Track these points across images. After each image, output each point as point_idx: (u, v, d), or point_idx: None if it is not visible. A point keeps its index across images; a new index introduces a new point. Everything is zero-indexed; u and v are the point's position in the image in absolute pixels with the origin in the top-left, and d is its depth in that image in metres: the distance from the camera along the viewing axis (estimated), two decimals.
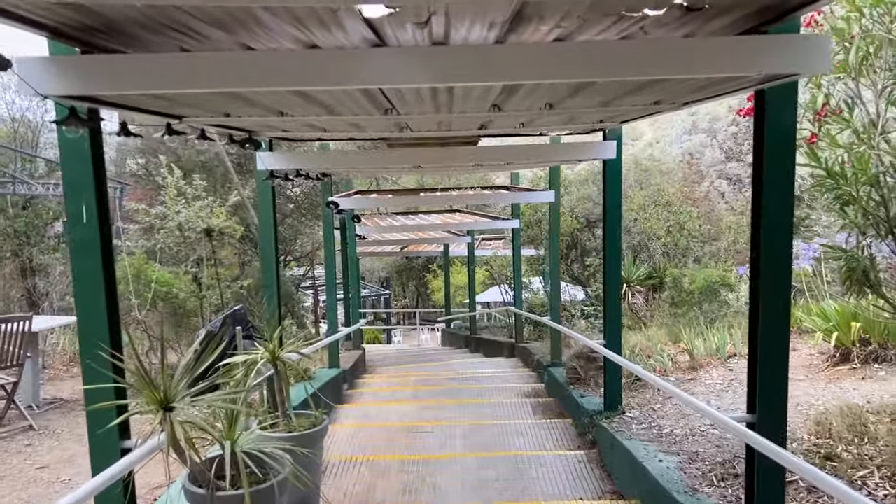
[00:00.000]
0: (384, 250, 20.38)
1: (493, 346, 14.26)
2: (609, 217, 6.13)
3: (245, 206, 12.59)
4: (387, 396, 9.19)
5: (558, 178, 9.17)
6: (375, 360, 14.90)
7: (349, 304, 12.89)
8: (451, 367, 12.20)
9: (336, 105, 3.63)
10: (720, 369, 6.87)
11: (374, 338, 26.42)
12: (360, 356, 11.85)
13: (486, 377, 10.37)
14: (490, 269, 19.54)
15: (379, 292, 31.54)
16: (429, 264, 31.45)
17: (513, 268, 13.07)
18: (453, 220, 13.70)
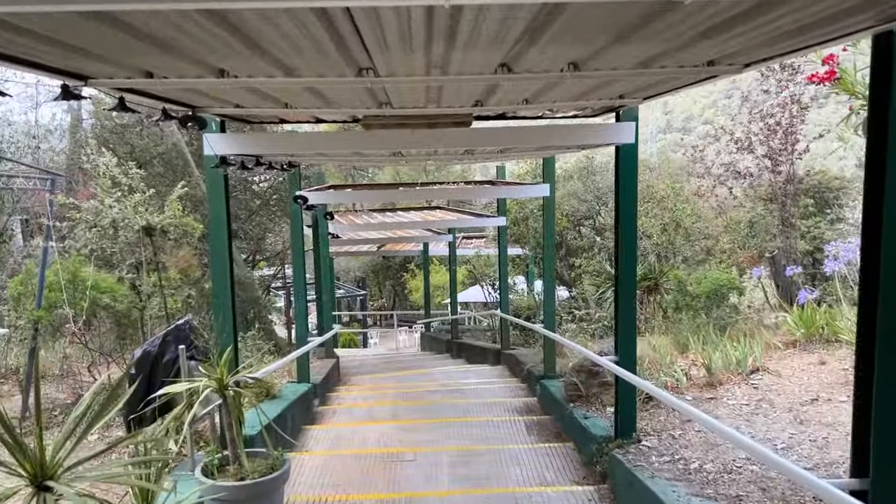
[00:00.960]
0: (360, 249, 19.35)
1: (476, 351, 13.35)
2: (624, 212, 5.25)
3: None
4: (362, 415, 8.23)
5: (553, 170, 8.29)
6: (351, 367, 13.91)
7: (322, 308, 11.88)
8: (432, 377, 11.27)
9: (293, 56, 2.67)
10: (743, 387, 6.03)
11: (349, 340, 25.37)
12: (333, 365, 10.86)
13: (472, 390, 9.45)
14: (472, 268, 18.64)
15: (354, 293, 30.43)
16: (406, 263, 30.44)
17: (498, 268, 12.17)
18: (434, 218, 12.76)
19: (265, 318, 11.69)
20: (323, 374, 9.67)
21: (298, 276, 8.42)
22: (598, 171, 20.04)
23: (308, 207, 8.53)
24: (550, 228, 8.31)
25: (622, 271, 5.35)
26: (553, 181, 8.23)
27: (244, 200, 13.37)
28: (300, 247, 8.36)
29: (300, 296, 8.46)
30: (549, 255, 8.42)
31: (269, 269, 18.43)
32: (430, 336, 17.16)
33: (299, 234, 8.32)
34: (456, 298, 15.54)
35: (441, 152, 5.82)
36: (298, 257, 8.37)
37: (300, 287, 8.43)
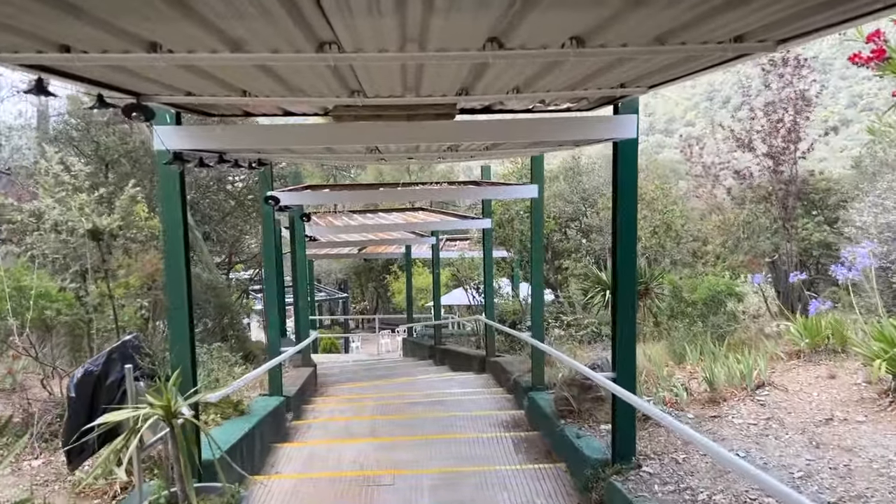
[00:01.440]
0: (341, 252, 18.80)
1: (460, 358, 12.86)
2: (623, 214, 4.79)
3: None
4: (339, 431, 7.69)
5: (541, 170, 7.82)
6: (329, 375, 13.35)
7: (299, 313, 11.32)
8: (414, 386, 10.76)
9: (233, 22, 2.16)
10: (748, 404, 5.58)
11: (330, 345, 24.75)
12: (310, 374, 10.31)
13: (456, 401, 8.96)
14: (456, 271, 18.16)
15: (335, 295, 29.79)
16: (389, 265, 29.86)
17: (483, 272, 11.69)
18: (416, 220, 12.25)
19: (238, 324, 11.09)
20: (298, 385, 9.12)
21: (270, 282, 7.88)
22: (584, 171, 19.66)
23: (281, 209, 8.00)
24: (539, 231, 7.84)
25: (620, 278, 4.88)
26: (542, 182, 7.76)
27: (218, 201, 12.76)
28: (272, 250, 7.82)
29: (272, 302, 7.92)
30: (537, 260, 7.95)
31: (247, 271, 17.75)
32: (412, 341, 16.64)
33: (271, 237, 7.78)
34: (439, 302, 15.05)
35: (422, 149, 5.32)
36: (270, 261, 7.83)
37: (272, 293, 7.89)
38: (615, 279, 4.92)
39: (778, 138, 7.91)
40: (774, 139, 7.96)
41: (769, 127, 8.00)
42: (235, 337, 11.31)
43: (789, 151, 7.91)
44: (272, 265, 7.84)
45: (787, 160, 7.92)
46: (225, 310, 10.59)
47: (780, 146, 7.90)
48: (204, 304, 10.18)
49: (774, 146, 7.96)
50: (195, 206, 11.81)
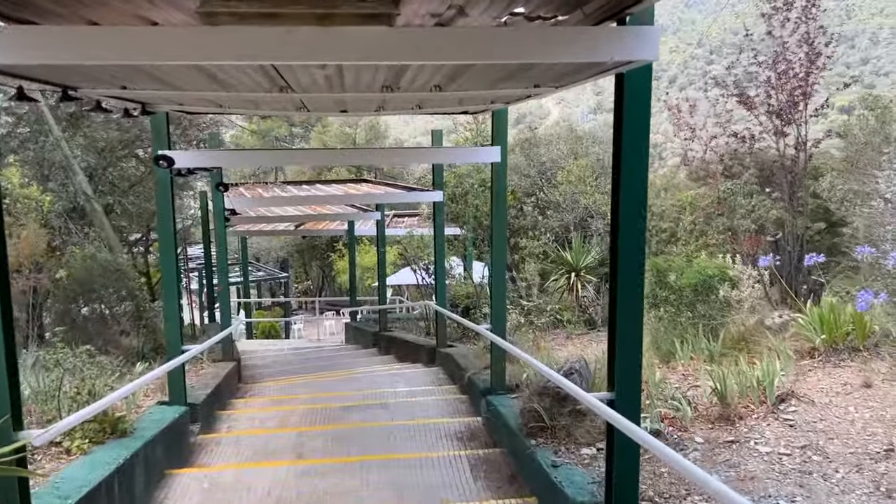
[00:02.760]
0: (277, 228, 17.10)
1: (407, 347, 11.50)
2: (630, 172, 3.48)
3: (71, 168, 9.16)
4: (255, 449, 6.23)
5: (505, 128, 6.43)
6: (259, 367, 11.81)
7: (217, 299, 9.74)
8: (354, 381, 9.36)
9: None
10: (772, 423, 4.38)
11: (269, 328, 23.03)
12: (230, 371, 8.79)
13: (401, 404, 7.61)
14: (404, 249, 16.73)
15: (275, 274, 27.91)
16: (334, 243, 28.12)
17: (434, 252, 10.30)
18: (358, 191, 10.75)
19: (146, 311, 9.45)
20: (213, 386, 7.62)
21: (167, 264, 6.31)
22: (541, 143, 18.43)
23: (181, 173, 6.42)
24: (501, 203, 6.47)
25: (623, 262, 3.54)
26: (505, 143, 6.38)
27: (125, 170, 10.97)
28: (170, 225, 6.24)
29: (171, 294, 6.36)
30: (500, 238, 6.59)
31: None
32: (355, 327, 15.17)
33: (168, 208, 6.19)
34: (385, 285, 13.61)
35: (349, 84, 3.88)
36: (167, 237, 6.25)
37: (171, 281, 6.32)
38: (615, 262, 3.59)
39: (784, 93, 6.72)
40: (780, 94, 6.76)
41: (774, 81, 6.78)
42: (145, 327, 9.67)
43: (798, 109, 6.73)
44: (169, 244, 6.26)
45: (795, 120, 6.75)
46: (130, 297, 8.94)
47: (785, 102, 6.71)
48: (100, 289, 8.51)
49: (779, 103, 6.75)
50: (96, 174, 10.03)
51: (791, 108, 6.60)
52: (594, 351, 9.06)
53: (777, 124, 6.77)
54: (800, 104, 6.65)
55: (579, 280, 9.87)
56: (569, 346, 9.36)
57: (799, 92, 6.67)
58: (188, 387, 7.58)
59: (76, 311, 8.16)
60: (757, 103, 7.02)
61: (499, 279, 6.67)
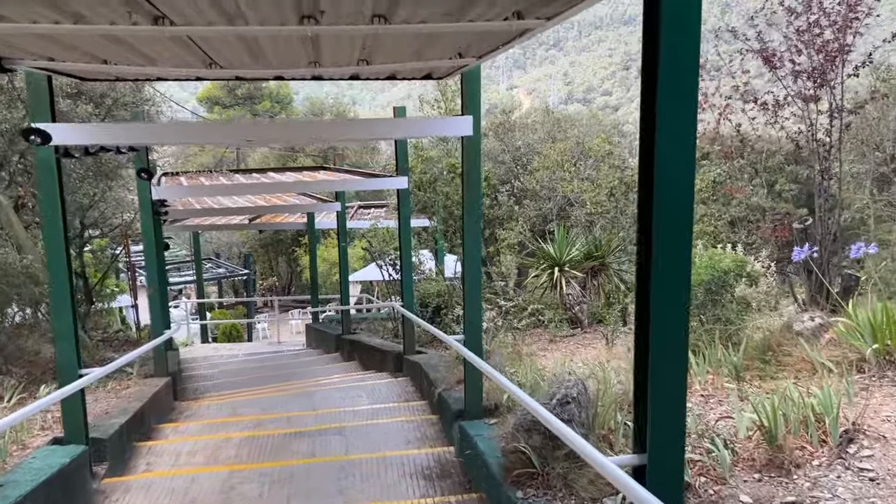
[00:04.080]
0: (230, 222, 15.71)
1: (372, 353, 10.29)
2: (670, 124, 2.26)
3: None
4: (171, 499, 4.97)
5: (478, 93, 5.24)
6: (204, 379, 10.52)
7: (152, 303, 8.40)
8: (309, 397, 8.13)
9: None
10: (843, 473, 3.27)
11: (231, 330, 21.53)
12: (160, 390, 7.50)
13: (361, 428, 6.41)
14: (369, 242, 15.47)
15: (238, 272, 26.36)
16: (300, 237, 26.64)
17: (399, 246, 9.10)
18: (311, 179, 9.48)
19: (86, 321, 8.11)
20: (132, 412, 6.34)
21: (57, 271, 5.00)
22: (516, 127, 17.25)
23: (73, 154, 5.13)
24: (475, 187, 5.28)
25: (659, 272, 2.37)
26: (478, 112, 5.19)
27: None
28: (58, 219, 4.93)
29: (62, 304, 5.06)
30: (473, 228, 5.41)
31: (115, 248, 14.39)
32: (316, 329, 13.88)
33: (53, 194, 4.89)
34: (347, 284, 12.35)
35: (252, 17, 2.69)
36: (55, 235, 4.95)
37: (61, 289, 5.02)
38: (645, 273, 2.42)
39: (815, 48, 5.57)
40: (812, 50, 5.62)
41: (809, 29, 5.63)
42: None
43: (833, 67, 5.61)
44: (57, 241, 4.96)
45: (828, 82, 5.64)
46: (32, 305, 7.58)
47: (820, 59, 5.58)
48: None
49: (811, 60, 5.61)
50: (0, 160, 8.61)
51: (827, 65, 5.49)
52: (583, 356, 7.95)
53: (807, 87, 5.67)
54: (836, 59, 5.54)
55: (563, 276, 8.73)
56: (554, 352, 8.23)
57: (834, 47, 5.55)
58: (102, 414, 6.33)
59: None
60: (785, 59, 5.89)
61: (473, 278, 5.48)
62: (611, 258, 9.10)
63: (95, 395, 7.02)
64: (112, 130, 4.92)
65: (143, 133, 4.89)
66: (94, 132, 4.84)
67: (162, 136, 4.99)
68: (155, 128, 5.13)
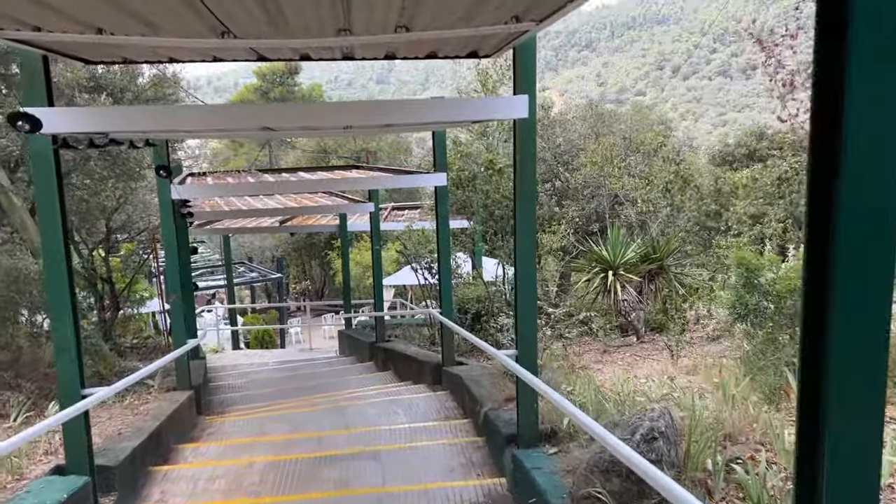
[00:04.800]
0: (260, 225, 15.22)
1: (409, 363, 9.61)
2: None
3: None
4: None
5: (533, 70, 4.52)
6: (231, 391, 9.97)
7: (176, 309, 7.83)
8: (342, 413, 7.48)
9: None
10: None
11: (263, 335, 21.07)
12: (181, 406, 6.93)
13: (398, 453, 5.72)
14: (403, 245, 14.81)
15: (270, 276, 25.95)
16: (332, 239, 26.12)
17: (437, 249, 8.41)
18: (342, 177, 8.85)
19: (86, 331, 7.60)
20: (147, 432, 5.76)
21: (56, 278, 4.40)
22: (557, 123, 16.43)
23: (72, 144, 4.55)
24: (529, 178, 4.56)
25: (846, 265, 1.61)
26: (533, 91, 4.47)
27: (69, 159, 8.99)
28: (56, 219, 4.35)
29: (62, 314, 4.46)
30: (526, 227, 4.67)
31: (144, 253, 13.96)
32: (349, 336, 13.27)
33: (49, 194, 4.31)
34: (381, 289, 11.70)
35: None
36: (53, 237, 4.36)
37: (60, 297, 4.43)
38: (820, 268, 1.66)
39: None
40: None
41: None
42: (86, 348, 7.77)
43: None
44: (55, 243, 4.37)
45: None
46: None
47: None
48: (6, 306, 6.62)
49: None
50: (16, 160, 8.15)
51: None
52: (645, 371, 7.15)
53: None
54: None
55: (617, 280, 7.94)
56: (609, 365, 7.45)
57: None
58: (114, 435, 5.75)
59: None
60: None
61: (526, 286, 4.75)
62: (669, 260, 8.27)
63: (111, 412, 6.47)
64: (110, 116, 4.31)
65: (142, 118, 4.27)
66: (90, 118, 4.23)
67: (163, 121, 4.35)
68: (155, 112, 4.49)
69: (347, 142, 30.32)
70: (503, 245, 9.86)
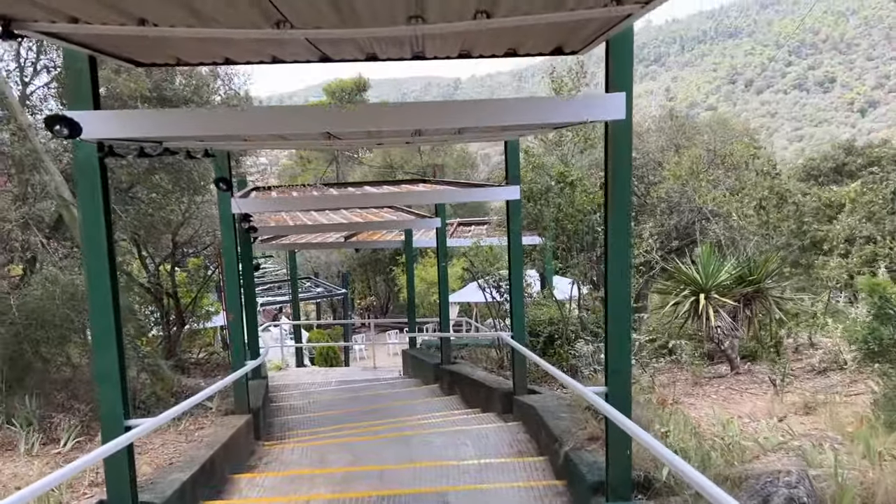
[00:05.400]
0: (326, 240, 15.00)
1: (476, 389, 9.02)
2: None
3: (42, 164, 7.20)
4: None
5: (630, 67, 3.92)
6: (292, 412, 9.62)
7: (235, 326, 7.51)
8: (407, 443, 6.97)
9: None
10: None
11: (328, 351, 20.84)
12: (237, 432, 6.56)
13: (468, 495, 5.15)
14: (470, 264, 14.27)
15: (333, 291, 25.82)
16: (397, 255, 25.85)
17: (509, 266, 7.83)
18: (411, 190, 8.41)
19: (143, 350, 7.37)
20: (200, 462, 5.39)
21: (100, 297, 4.05)
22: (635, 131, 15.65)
23: (118, 152, 4.22)
24: (623, 187, 3.95)
25: None
26: (630, 88, 3.87)
27: (129, 162, 8.82)
28: (100, 234, 4.00)
29: (105, 337, 4.11)
30: (620, 243, 4.06)
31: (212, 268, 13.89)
32: (413, 356, 12.78)
33: (94, 206, 3.98)
34: (447, 305, 11.17)
35: None
36: (96, 253, 4.02)
37: (104, 318, 4.07)
38: None
39: None
40: None
41: None
42: (143, 369, 7.56)
43: None
44: (99, 260, 4.02)
45: None
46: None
47: None
48: (64, 323, 6.40)
49: None
50: None
51: None
52: (745, 407, 6.34)
53: None
54: None
55: (709, 304, 7.16)
56: (703, 399, 6.67)
57: None
58: (165, 465, 5.39)
59: (32, 354, 6.10)
60: None
61: (619, 312, 4.11)
62: (768, 282, 7.43)
63: (164, 438, 6.15)
64: (156, 119, 3.92)
65: (192, 122, 3.86)
66: (134, 121, 3.88)
67: (215, 124, 3.93)
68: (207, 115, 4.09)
69: (413, 157, 30.17)
70: (576, 263, 9.19)
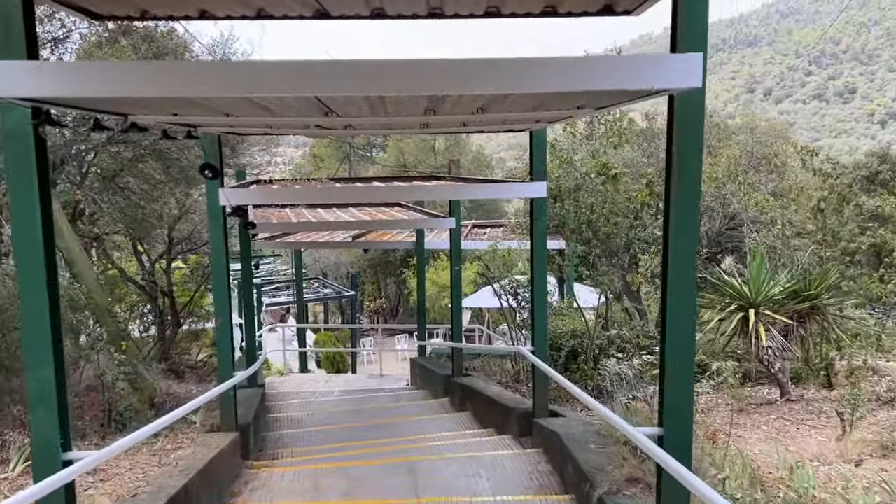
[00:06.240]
0: (332, 239, 14.20)
1: (491, 407, 8.16)
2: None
3: None
4: None
5: (705, 23, 3.07)
6: (288, 425, 8.82)
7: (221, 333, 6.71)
8: (411, 470, 6.13)
9: None
10: None
11: (335, 356, 20.09)
12: (220, 453, 5.74)
13: None
14: (485, 268, 13.40)
15: (344, 293, 25.03)
16: (408, 257, 25.01)
17: (531, 272, 6.98)
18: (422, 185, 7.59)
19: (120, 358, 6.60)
20: (172, 492, 4.57)
21: (34, 301, 3.26)
22: (661, 134, 14.76)
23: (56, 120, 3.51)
24: (692, 178, 3.10)
25: None
26: (705, 47, 3.03)
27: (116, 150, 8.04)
28: (35, 228, 3.21)
29: (39, 348, 3.31)
30: (684, 248, 3.19)
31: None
32: (422, 366, 11.93)
33: (28, 194, 3.19)
34: (460, 312, 10.33)
35: None
36: (31, 251, 3.23)
37: (37, 329, 3.28)
38: None
39: None
40: None
41: None
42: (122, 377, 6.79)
43: None
44: (32, 250, 3.23)
45: None
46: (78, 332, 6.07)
47: None
48: None
49: None
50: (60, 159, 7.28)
51: None
52: (805, 444, 5.45)
53: None
54: None
55: (759, 320, 6.27)
56: (752, 430, 5.79)
57: None
58: (126, 497, 4.59)
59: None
60: None
61: (681, 341, 3.25)
62: (826, 298, 6.54)
63: (134, 460, 5.36)
64: (104, 72, 3.00)
65: (125, 76, 2.88)
66: (74, 75, 2.92)
67: (157, 82, 2.89)
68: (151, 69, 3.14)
69: (428, 157, 29.41)
70: (609, 271, 8.32)
